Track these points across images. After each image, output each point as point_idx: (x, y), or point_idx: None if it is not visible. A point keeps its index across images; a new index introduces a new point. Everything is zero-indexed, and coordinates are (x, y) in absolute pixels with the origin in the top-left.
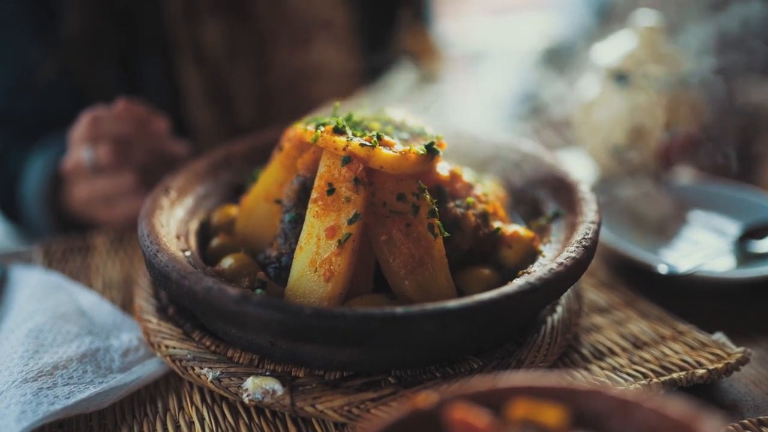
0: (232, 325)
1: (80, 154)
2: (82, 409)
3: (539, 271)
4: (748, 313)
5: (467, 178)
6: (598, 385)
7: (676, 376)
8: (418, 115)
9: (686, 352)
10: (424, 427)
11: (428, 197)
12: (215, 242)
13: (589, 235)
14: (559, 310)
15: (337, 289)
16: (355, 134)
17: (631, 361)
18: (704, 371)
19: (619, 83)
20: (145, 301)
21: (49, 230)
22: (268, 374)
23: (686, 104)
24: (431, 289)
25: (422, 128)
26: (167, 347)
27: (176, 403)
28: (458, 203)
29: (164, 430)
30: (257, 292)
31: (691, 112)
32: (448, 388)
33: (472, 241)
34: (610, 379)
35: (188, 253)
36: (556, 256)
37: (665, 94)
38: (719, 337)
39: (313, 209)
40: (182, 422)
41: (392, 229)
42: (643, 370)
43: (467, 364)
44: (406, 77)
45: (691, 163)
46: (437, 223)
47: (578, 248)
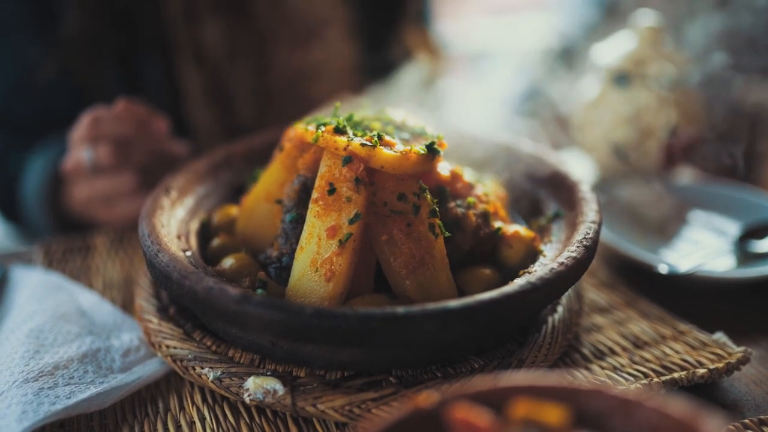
0: (233, 325)
1: (80, 154)
2: (83, 409)
3: (540, 270)
4: (748, 312)
5: (468, 177)
6: (599, 384)
7: (676, 375)
8: (420, 114)
9: (687, 351)
10: (425, 426)
11: (429, 197)
12: (216, 242)
13: (589, 234)
14: (559, 309)
15: (338, 289)
16: (355, 134)
17: (631, 360)
18: (705, 371)
19: (619, 83)
20: (145, 301)
21: (49, 230)
22: (269, 374)
23: (687, 104)
24: (432, 288)
25: (423, 128)
26: (168, 347)
27: (177, 403)
28: (459, 203)
29: (165, 430)
30: (258, 292)
31: (692, 112)
32: (449, 387)
33: (472, 240)
34: (610, 378)
35: (189, 253)
36: (556, 255)
37: (666, 94)
38: (720, 336)
39: (313, 209)
40: (183, 422)
41: (393, 228)
42: (643, 369)
43: (468, 363)
44: (409, 77)
45: (693, 163)
46: (438, 222)
47: (579, 248)
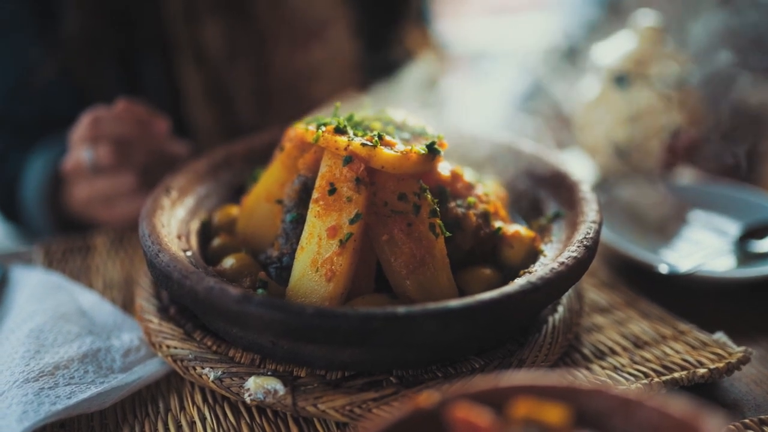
0: (233, 325)
1: (80, 154)
2: (83, 409)
3: (540, 270)
4: (748, 312)
5: (468, 177)
6: (599, 384)
7: (677, 375)
8: (423, 114)
9: (687, 351)
10: (426, 426)
11: (429, 197)
12: (216, 242)
13: (590, 234)
14: (560, 309)
15: (338, 288)
16: (356, 134)
17: (632, 360)
18: (705, 370)
19: (619, 84)
20: (146, 301)
21: (49, 230)
22: (269, 374)
23: (690, 104)
24: (433, 288)
25: (423, 128)
26: (168, 347)
27: (177, 403)
28: (459, 203)
29: (166, 429)
30: (259, 292)
31: (694, 111)
32: (449, 387)
33: (473, 240)
34: (611, 378)
35: (189, 253)
36: (557, 255)
37: (670, 92)
38: (720, 336)
39: (314, 209)
40: (184, 422)
41: (393, 228)
42: (644, 369)
43: (469, 363)
44: (412, 77)
45: (695, 163)
46: (438, 222)
47: (579, 248)
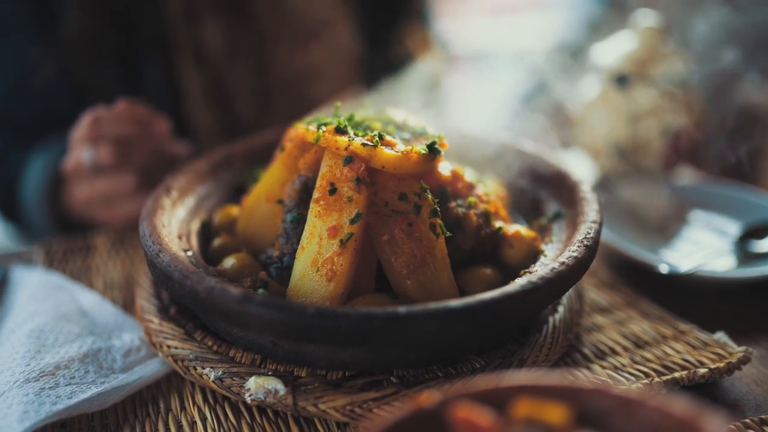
0: (234, 325)
1: (81, 154)
2: (84, 409)
3: (541, 270)
4: (748, 312)
5: (469, 177)
6: (600, 384)
7: (677, 375)
8: (425, 114)
9: (688, 351)
10: (426, 426)
11: (430, 197)
12: (217, 242)
13: (590, 234)
14: (560, 309)
15: (339, 288)
16: (356, 134)
17: (632, 360)
18: (706, 370)
19: (619, 84)
20: (146, 301)
21: (49, 231)
22: (270, 374)
23: (691, 104)
24: (433, 288)
25: (424, 128)
26: (169, 347)
27: (178, 403)
28: (460, 203)
29: (166, 429)
30: (259, 291)
31: (696, 111)
32: (450, 387)
33: (474, 240)
34: (612, 378)
35: (190, 253)
36: (557, 255)
37: (671, 92)
38: (720, 336)
39: (314, 209)
40: (184, 422)
41: (394, 228)
42: (644, 369)
43: (469, 363)
44: (414, 76)
45: (696, 163)
46: (439, 222)
47: (580, 248)
